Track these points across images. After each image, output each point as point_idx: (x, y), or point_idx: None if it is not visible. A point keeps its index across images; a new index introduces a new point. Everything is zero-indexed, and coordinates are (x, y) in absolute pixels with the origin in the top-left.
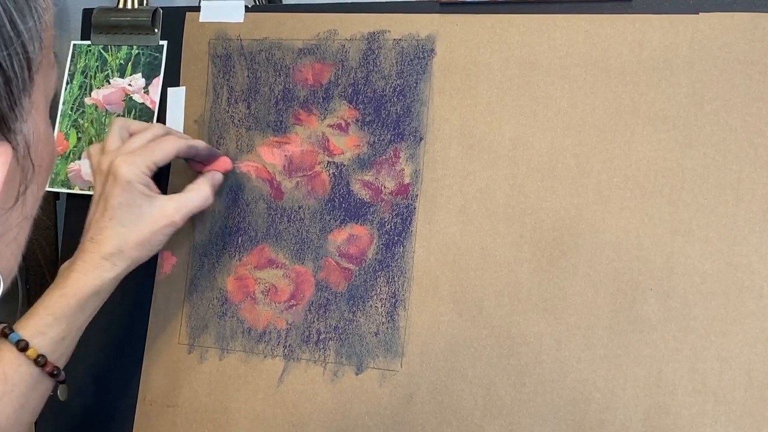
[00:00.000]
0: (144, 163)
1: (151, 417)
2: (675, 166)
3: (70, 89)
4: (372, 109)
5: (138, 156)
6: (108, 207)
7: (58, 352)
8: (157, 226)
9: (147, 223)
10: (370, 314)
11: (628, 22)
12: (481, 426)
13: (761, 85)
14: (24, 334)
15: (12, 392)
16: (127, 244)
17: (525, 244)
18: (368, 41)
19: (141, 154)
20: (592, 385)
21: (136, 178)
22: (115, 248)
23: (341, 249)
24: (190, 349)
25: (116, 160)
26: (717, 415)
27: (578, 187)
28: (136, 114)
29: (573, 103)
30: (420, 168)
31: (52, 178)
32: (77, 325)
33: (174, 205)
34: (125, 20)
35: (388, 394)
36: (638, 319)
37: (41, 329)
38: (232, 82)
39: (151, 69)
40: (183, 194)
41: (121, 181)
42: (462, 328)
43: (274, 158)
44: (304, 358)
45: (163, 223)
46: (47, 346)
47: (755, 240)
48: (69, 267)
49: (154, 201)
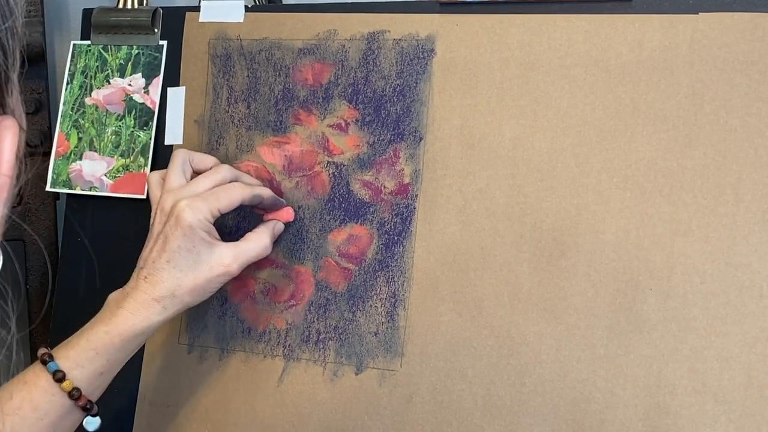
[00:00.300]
0: (209, 209)
1: (150, 417)
2: (675, 166)
3: (70, 89)
4: (372, 109)
5: (203, 201)
6: (167, 249)
7: (94, 385)
8: (213, 274)
9: (203, 270)
10: (369, 314)
11: (628, 22)
12: (480, 426)
13: (761, 85)
14: (63, 364)
15: (41, 420)
16: (180, 288)
17: (525, 244)
18: (368, 41)
19: (206, 199)
20: (591, 385)
21: (199, 225)
22: (168, 291)
23: (341, 249)
24: (190, 349)
25: (181, 203)
26: (717, 415)
27: (578, 187)
28: (136, 114)
29: (573, 103)
30: (420, 168)
31: (53, 179)
32: (117, 361)
33: (232, 254)
34: (125, 20)
35: (388, 394)
36: (638, 319)
37: (81, 362)
38: (231, 82)
39: (151, 69)
40: (242, 243)
41: (183, 226)
42: (462, 328)
43: (273, 158)
44: (303, 358)
45: (219, 272)
46: (85, 379)
47: (755, 240)
48: (118, 303)
49: (214, 248)
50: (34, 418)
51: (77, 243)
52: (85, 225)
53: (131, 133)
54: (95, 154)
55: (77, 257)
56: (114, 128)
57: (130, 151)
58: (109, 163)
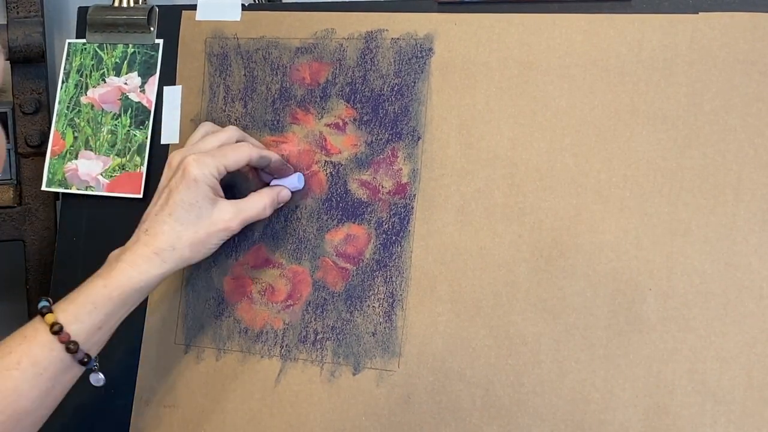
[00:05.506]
0: (215, 164)
1: (147, 417)
2: (674, 166)
3: (65, 88)
4: (370, 108)
5: (210, 157)
6: (170, 202)
7: (92, 340)
8: (213, 229)
9: (204, 224)
10: (367, 314)
11: (627, 21)
12: (479, 426)
13: (761, 85)
14: (61, 318)
15: (41, 375)
16: (180, 241)
17: (523, 243)
18: (366, 40)
19: (214, 155)
20: (591, 385)
21: (204, 179)
22: (168, 244)
23: (338, 249)
24: (187, 349)
25: (188, 158)
26: (717, 415)
27: (577, 186)
28: (132, 113)
29: (572, 102)
30: (418, 167)
31: (49, 178)
32: (116, 317)
33: (233, 210)
34: (121, 18)
35: (386, 395)
36: (637, 319)
37: (80, 317)
38: (228, 80)
39: (147, 68)
40: (243, 201)
41: (188, 179)
42: (460, 328)
43: None
44: (301, 358)
45: (219, 227)
46: (82, 333)
47: (755, 240)
48: (118, 256)
49: (216, 204)
50: (33, 372)
51: (73, 243)
52: (80, 224)
53: (127, 132)
54: (91, 153)
55: (73, 257)
56: (110, 127)
57: (126, 151)
58: (105, 162)
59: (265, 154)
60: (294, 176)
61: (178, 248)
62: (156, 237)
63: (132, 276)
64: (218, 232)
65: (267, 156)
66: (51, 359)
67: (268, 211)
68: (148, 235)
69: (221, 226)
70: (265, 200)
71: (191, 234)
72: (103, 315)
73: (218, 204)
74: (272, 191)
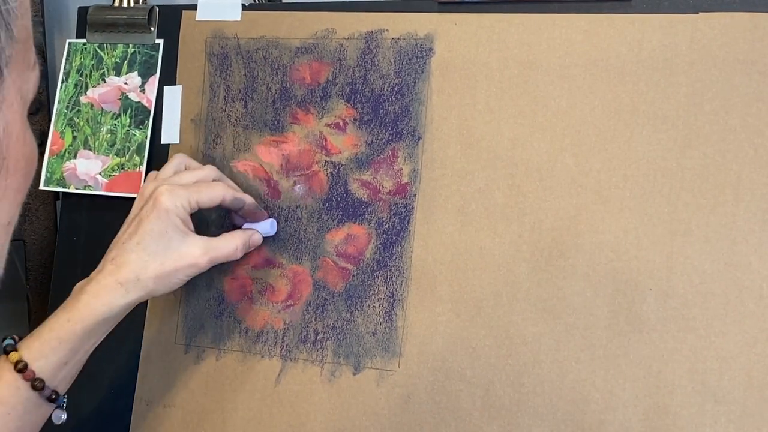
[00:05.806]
0: (187, 197)
1: (147, 417)
2: (674, 166)
3: (65, 88)
4: (370, 108)
5: (184, 189)
6: (139, 231)
7: (59, 376)
8: (181, 264)
9: (172, 257)
10: (367, 314)
11: (627, 21)
12: (479, 426)
13: (761, 85)
14: (26, 355)
15: (8, 414)
16: (146, 272)
17: (524, 243)
18: (366, 40)
19: (188, 189)
20: (591, 385)
21: (175, 210)
22: (133, 274)
23: (339, 249)
24: (187, 349)
25: (161, 187)
26: (717, 415)
27: (577, 187)
28: (132, 112)
29: (572, 102)
30: (418, 167)
31: (47, 177)
32: (83, 350)
33: (203, 247)
34: (121, 18)
35: (386, 395)
36: (637, 319)
37: (45, 352)
38: (229, 80)
39: (147, 67)
40: (215, 239)
41: (160, 209)
42: (460, 328)
43: (271, 157)
44: (301, 358)
45: (187, 262)
46: (48, 369)
47: (755, 240)
48: (82, 287)
49: (185, 237)
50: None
51: (72, 242)
52: (80, 224)
53: (127, 131)
54: (90, 152)
55: (72, 256)
56: (109, 127)
57: (125, 150)
58: (104, 161)
59: (239, 196)
60: (267, 222)
61: (142, 279)
62: (121, 267)
63: (95, 308)
64: (185, 268)
65: (241, 198)
66: (18, 398)
67: (239, 253)
68: (113, 264)
69: (189, 261)
70: (237, 241)
71: (157, 265)
72: (67, 350)
73: (188, 238)
74: (245, 234)
